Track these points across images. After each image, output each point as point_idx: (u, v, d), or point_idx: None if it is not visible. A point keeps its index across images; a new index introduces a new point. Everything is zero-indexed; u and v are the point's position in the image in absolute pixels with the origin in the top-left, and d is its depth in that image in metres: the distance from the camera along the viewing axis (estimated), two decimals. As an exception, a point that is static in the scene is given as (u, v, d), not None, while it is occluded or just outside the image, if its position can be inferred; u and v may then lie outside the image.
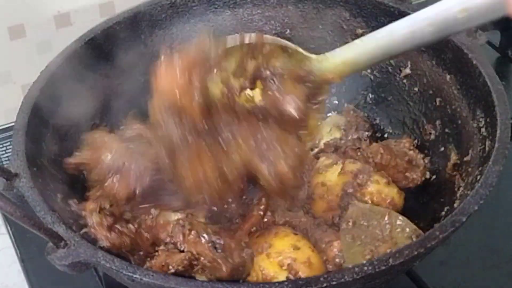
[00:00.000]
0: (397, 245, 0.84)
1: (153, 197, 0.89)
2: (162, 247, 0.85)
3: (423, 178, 0.99)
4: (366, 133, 1.07)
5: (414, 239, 0.83)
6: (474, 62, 0.94)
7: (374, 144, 1.01)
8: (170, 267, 0.82)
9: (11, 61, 1.22)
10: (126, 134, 0.93)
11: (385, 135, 1.10)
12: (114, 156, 0.89)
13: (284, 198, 0.91)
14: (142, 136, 0.91)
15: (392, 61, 1.07)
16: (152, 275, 0.73)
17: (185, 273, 0.82)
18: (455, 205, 0.88)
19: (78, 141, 0.98)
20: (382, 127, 1.11)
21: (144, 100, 1.08)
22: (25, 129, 0.88)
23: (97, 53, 1.02)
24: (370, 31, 1.07)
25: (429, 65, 1.02)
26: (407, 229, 0.86)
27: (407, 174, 0.98)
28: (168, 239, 0.86)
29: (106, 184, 0.89)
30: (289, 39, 1.13)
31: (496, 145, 0.83)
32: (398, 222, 0.87)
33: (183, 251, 0.84)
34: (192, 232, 0.84)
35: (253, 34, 0.85)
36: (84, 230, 0.82)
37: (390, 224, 0.87)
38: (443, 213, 0.90)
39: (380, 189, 0.93)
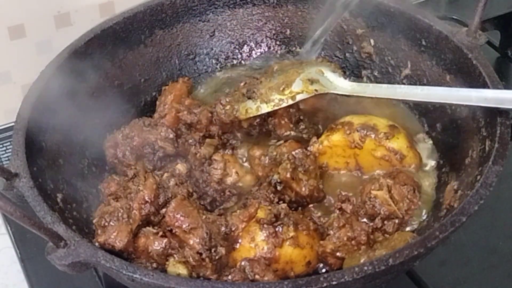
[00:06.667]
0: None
1: None
2: None
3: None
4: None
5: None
6: (474, 62, 0.94)
7: None
8: None
9: (11, 61, 1.21)
10: None
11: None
12: None
13: None
14: None
15: (392, 61, 1.07)
16: (152, 275, 0.73)
17: None
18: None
19: (78, 141, 0.99)
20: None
21: (143, 99, 1.09)
22: (25, 129, 0.88)
23: (97, 53, 1.02)
24: (370, 31, 1.08)
25: (429, 65, 1.02)
26: None
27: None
28: None
29: None
30: (289, 39, 1.15)
31: (496, 145, 0.83)
32: None
33: None
34: None
35: None
36: None
37: None
38: (443, 213, 0.90)
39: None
